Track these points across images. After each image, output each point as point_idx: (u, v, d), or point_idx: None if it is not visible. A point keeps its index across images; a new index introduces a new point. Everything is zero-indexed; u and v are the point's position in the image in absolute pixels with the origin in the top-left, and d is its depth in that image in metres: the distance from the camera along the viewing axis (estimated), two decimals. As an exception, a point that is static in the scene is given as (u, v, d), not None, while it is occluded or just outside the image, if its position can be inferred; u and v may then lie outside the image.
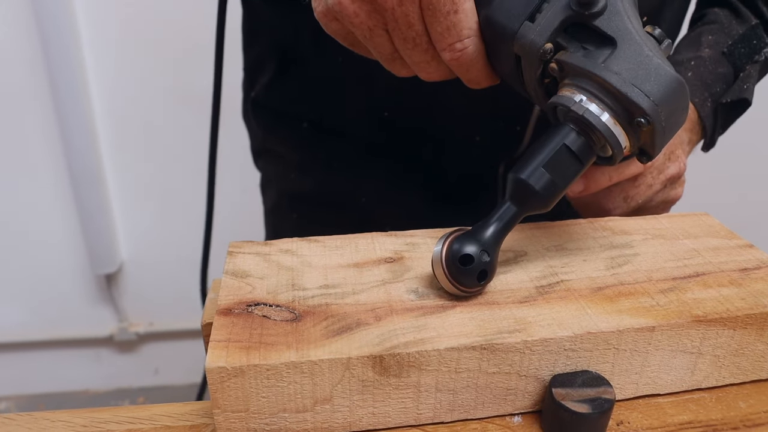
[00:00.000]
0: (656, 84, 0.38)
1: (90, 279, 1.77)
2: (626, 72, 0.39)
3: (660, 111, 0.39)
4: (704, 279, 0.46)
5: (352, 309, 0.41)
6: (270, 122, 0.74)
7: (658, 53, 0.39)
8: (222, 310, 0.41)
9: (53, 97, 1.53)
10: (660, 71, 0.39)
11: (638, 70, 0.39)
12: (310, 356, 0.36)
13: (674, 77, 0.39)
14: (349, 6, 0.42)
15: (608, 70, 0.39)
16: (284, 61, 0.69)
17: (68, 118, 1.55)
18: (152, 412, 0.43)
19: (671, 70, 0.39)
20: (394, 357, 0.37)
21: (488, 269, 0.41)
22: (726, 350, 0.43)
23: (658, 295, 0.44)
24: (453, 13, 0.41)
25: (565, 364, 0.40)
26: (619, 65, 0.39)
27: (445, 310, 0.41)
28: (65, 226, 1.69)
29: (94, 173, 1.60)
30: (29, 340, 1.83)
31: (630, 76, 0.38)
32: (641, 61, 0.39)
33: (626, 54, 0.39)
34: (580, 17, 0.40)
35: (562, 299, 0.43)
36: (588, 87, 0.40)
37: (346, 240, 0.50)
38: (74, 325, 1.82)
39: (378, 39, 0.44)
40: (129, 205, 1.68)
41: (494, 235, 0.41)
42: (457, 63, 0.44)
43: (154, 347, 1.86)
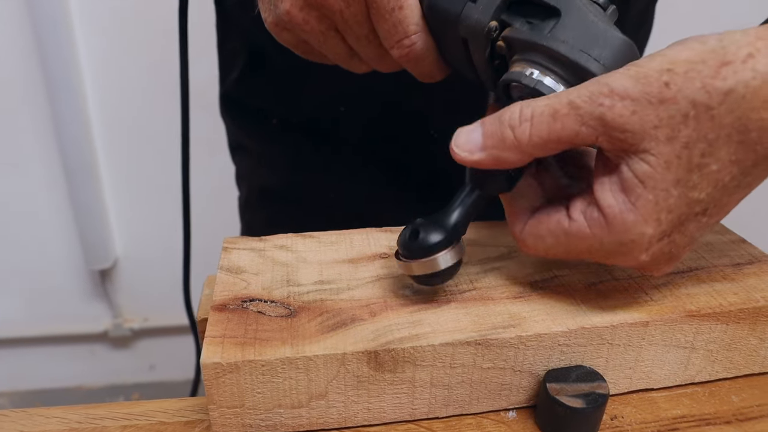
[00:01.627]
0: (605, 48, 0.38)
1: (84, 275, 1.77)
2: (573, 39, 0.38)
3: None
4: (698, 274, 0.46)
5: (347, 305, 0.41)
6: (240, 118, 0.74)
7: (603, 18, 0.39)
8: (217, 306, 0.41)
9: (47, 92, 1.52)
10: (607, 35, 0.38)
11: (585, 37, 0.38)
12: (305, 352, 0.36)
13: (622, 39, 0.38)
14: (298, 14, 0.43)
15: (555, 39, 0.38)
16: (253, 57, 0.68)
17: (63, 114, 1.54)
18: (147, 408, 0.43)
19: (618, 33, 0.38)
20: (388, 352, 0.37)
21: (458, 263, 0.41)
22: (719, 345, 0.43)
23: (652, 290, 0.44)
24: (397, 9, 0.41)
25: (560, 359, 0.40)
26: (565, 34, 0.38)
27: (440, 305, 0.41)
28: (59, 221, 1.68)
29: (88, 169, 1.60)
30: (23, 336, 1.83)
31: (577, 42, 0.38)
32: (587, 27, 0.38)
33: (571, 22, 0.38)
34: None
35: (556, 294, 0.43)
36: (538, 59, 0.39)
37: (341, 236, 0.50)
38: (68, 320, 1.82)
39: (332, 41, 0.45)
40: (123, 201, 1.68)
41: (459, 221, 0.41)
42: (406, 59, 0.44)
43: (149, 343, 1.86)
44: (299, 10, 0.42)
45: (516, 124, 0.36)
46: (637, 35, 0.70)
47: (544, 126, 0.36)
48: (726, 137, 0.34)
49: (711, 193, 0.36)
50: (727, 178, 0.35)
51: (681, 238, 0.37)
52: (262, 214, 0.77)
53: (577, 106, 0.35)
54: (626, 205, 0.35)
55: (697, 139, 0.34)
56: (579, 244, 0.38)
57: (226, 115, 0.77)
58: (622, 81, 0.34)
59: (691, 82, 0.34)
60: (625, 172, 0.35)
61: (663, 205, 0.35)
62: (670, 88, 0.34)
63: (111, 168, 1.63)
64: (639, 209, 0.35)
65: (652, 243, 0.36)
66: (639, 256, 0.37)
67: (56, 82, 1.51)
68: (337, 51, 0.45)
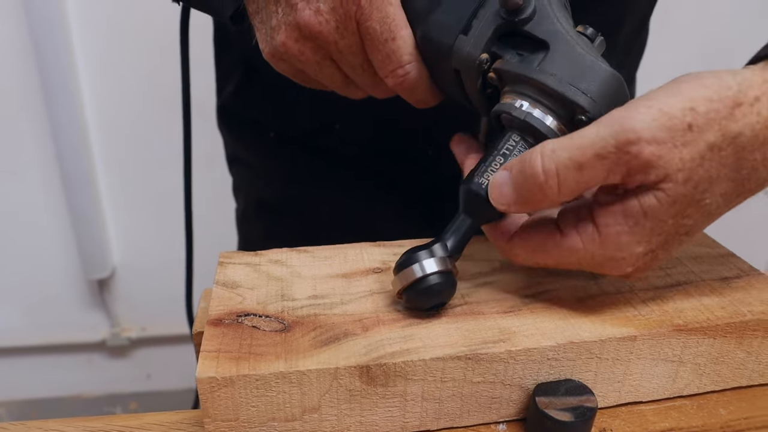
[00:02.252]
0: (592, 81, 0.39)
1: (82, 284, 1.77)
2: (561, 72, 0.39)
3: (599, 107, 0.39)
4: (686, 288, 0.47)
5: (340, 319, 0.42)
6: (237, 130, 0.75)
7: (591, 51, 0.40)
8: (212, 321, 0.41)
9: (45, 100, 1.53)
10: (594, 68, 0.39)
11: (573, 69, 0.39)
12: (298, 366, 0.37)
13: (609, 72, 0.39)
14: (293, 46, 0.44)
15: (543, 72, 0.39)
16: (248, 71, 0.70)
17: (60, 123, 1.55)
18: (144, 421, 0.44)
19: (605, 65, 0.39)
20: (380, 367, 0.38)
21: (450, 295, 0.42)
22: (707, 358, 0.44)
23: (640, 304, 0.45)
24: (391, 40, 0.42)
25: (549, 373, 0.41)
26: (553, 67, 0.39)
27: (431, 320, 0.42)
28: (57, 230, 1.69)
29: (86, 178, 1.60)
30: (20, 345, 1.83)
31: (565, 75, 0.39)
32: (574, 60, 0.39)
33: (559, 55, 0.40)
34: (510, 25, 0.41)
35: (545, 309, 0.44)
36: (527, 92, 0.41)
37: (335, 250, 0.51)
38: (66, 330, 1.82)
39: (328, 71, 0.46)
40: (121, 211, 1.68)
41: (453, 248, 0.42)
42: (401, 88, 0.45)
43: (147, 352, 1.86)
44: (294, 42, 0.44)
45: (542, 180, 0.37)
46: (628, 57, 0.70)
47: (571, 179, 0.36)
48: (724, 176, 0.37)
49: (698, 219, 0.38)
50: (713, 207, 0.38)
51: (663, 254, 0.40)
52: (259, 226, 0.78)
53: (604, 156, 0.35)
54: (624, 228, 0.37)
55: (705, 179, 0.36)
56: (570, 257, 0.40)
57: (223, 127, 0.78)
58: (649, 125, 0.35)
59: (710, 125, 0.35)
60: (632, 201, 0.37)
61: (657, 231, 0.38)
62: (692, 131, 0.35)
63: (108, 177, 1.64)
64: (635, 233, 0.38)
65: (639, 258, 0.39)
66: (626, 268, 0.40)
67: (54, 90, 1.51)
68: (333, 79, 0.47)
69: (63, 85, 1.51)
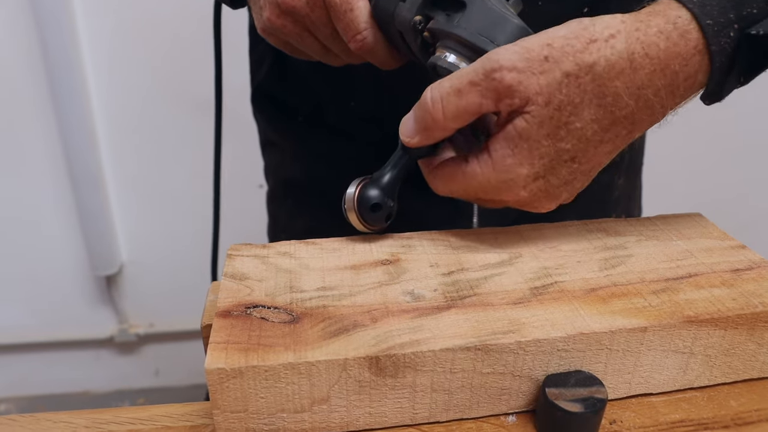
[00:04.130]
0: (501, 32, 0.45)
1: (90, 280, 1.78)
2: (474, 26, 0.46)
3: None
4: (697, 280, 0.47)
5: (349, 311, 0.42)
6: (269, 113, 0.81)
7: (504, 7, 0.46)
8: (221, 312, 0.41)
9: (53, 98, 1.53)
10: (503, 21, 0.46)
11: (484, 22, 0.46)
12: (307, 357, 0.37)
13: (516, 24, 0.45)
14: (276, 21, 0.52)
15: (460, 27, 0.46)
16: (278, 57, 0.75)
17: (68, 120, 1.55)
18: (152, 413, 0.44)
19: (515, 19, 0.46)
20: (390, 358, 0.38)
21: (392, 212, 0.50)
22: (717, 350, 0.44)
23: (651, 296, 0.44)
24: (349, 11, 0.49)
25: (559, 364, 0.41)
26: (469, 21, 0.46)
27: (440, 311, 0.42)
28: (65, 227, 1.69)
29: (93, 175, 1.61)
30: (29, 342, 1.83)
31: (478, 28, 0.46)
32: (487, 15, 0.46)
33: (474, 11, 0.46)
34: None
35: (555, 300, 0.44)
36: (450, 44, 0.47)
37: (343, 242, 0.50)
38: (74, 326, 1.83)
39: (308, 41, 0.54)
40: (129, 207, 1.69)
41: (392, 180, 0.50)
42: (362, 51, 0.52)
43: (154, 348, 1.87)
44: (277, 17, 0.52)
45: (430, 107, 0.44)
46: None
47: (452, 104, 0.43)
48: (588, 101, 0.42)
49: (576, 144, 0.44)
50: (589, 132, 0.43)
51: (555, 180, 0.45)
52: (287, 205, 0.82)
53: (476, 83, 0.42)
54: (507, 151, 0.44)
55: (566, 103, 0.42)
56: (472, 182, 0.46)
57: (257, 112, 0.83)
58: (510, 57, 0.41)
59: (565, 56, 0.41)
60: (509, 127, 0.44)
61: (535, 153, 0.44)
62: (548, 62, 0.41)
63: (116, 174, 1.65)
64: (516, 155, 0.44)
65: (528, 182, 0.45)
66: (519, 192, 0.45)
67: (61, 88, 1.52)
68: (313, 48, 0.55)
69: (70, 83, 1.51)
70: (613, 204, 0.75)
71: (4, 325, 1.81)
